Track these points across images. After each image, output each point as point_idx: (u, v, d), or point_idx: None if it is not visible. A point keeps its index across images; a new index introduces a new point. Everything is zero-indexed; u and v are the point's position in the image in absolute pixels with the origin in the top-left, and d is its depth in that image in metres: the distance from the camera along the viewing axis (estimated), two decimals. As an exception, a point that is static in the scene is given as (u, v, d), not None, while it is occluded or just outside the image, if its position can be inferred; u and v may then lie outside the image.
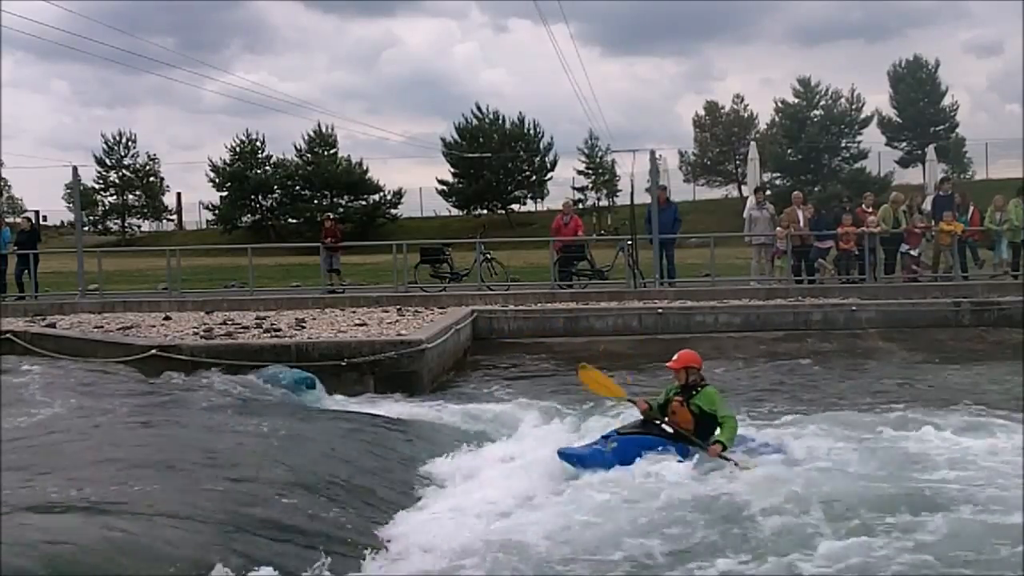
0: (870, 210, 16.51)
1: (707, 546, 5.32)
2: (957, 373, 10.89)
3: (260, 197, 48.21)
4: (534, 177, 48.22)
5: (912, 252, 16.26)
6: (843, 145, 47.49)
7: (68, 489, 5.60)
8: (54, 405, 8.56)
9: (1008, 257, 16.30)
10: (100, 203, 50.32)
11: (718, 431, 6.96)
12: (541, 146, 48.01)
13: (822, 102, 48.30)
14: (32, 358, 11.54)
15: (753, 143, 32.32)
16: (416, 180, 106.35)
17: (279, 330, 12.29)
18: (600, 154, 47.05)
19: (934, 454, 7.06)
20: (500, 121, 48.38)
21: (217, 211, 48.83)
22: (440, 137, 53.11)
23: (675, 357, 7.29)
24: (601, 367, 11.30)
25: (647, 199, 17.71)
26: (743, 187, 46.26)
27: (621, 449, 6.84)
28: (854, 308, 14.07)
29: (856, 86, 49.94)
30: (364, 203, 47.86)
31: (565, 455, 6.91)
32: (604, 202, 47.61)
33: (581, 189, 48.40)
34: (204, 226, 51.50)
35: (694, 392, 7.10)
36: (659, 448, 6.86)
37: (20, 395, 9.06)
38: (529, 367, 12.10)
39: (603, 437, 7.09)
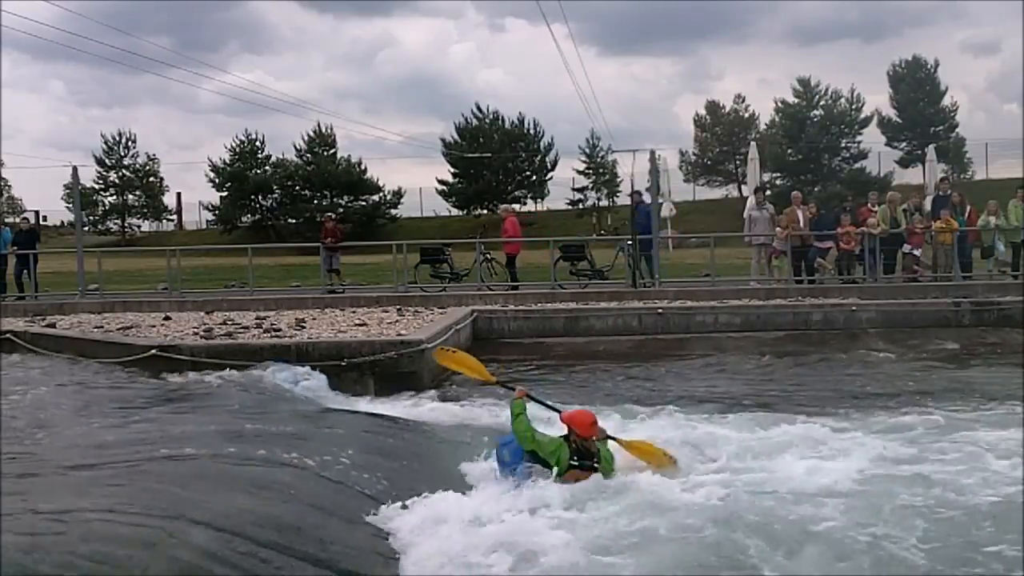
0: (875, 209, 16.53)
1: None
2: (951, 372, 10.87)
3: (260, 197, 48.20)
4: (534, 177, 48.23)
5: (915, 252, 16.28)
6: (843, 145, 47.44)
7: (63, 489, 5.59)
8: (52, 405, 8.56)
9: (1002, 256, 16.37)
10: (100, 203, 50.30)
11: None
12: (541, 146, 48.03)
13: (822, 102, 48.30)
14: (32, 358, 11.55)
15: (753, 143, 32.30)
16: (415, 180, 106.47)
17: (279, 330, 12.30)
18: (601, 154, 47.12)
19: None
20: (500, 121, 48.41)
21: (217, 211, 48.84)
22: (440, 137, 53.27)
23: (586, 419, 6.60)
24: (602, 365, 11.29)
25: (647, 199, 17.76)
26: (743, 187, 46.26)
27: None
28: (854, 308, 14.08)
29: (856, 86, 50.03)
30: (364, 203, 47.85)
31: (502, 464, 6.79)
32: (604, 202, 47.62)
33: (581, 189, 48.43)
34: (204, 226, 51.50)
35: (595, 452, 6.58)
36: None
37: (18, 395, 9.05)
38: (529, 367, 12.09)
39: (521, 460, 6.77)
